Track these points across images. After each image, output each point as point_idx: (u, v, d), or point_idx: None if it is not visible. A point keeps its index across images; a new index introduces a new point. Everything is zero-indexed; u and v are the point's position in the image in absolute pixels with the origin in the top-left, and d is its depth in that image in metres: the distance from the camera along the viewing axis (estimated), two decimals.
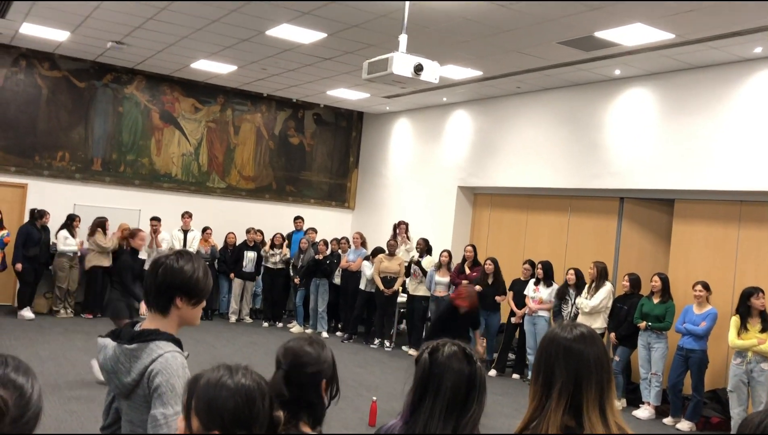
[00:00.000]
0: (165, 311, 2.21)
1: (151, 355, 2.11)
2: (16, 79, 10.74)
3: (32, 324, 9.60)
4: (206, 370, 1.66)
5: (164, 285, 2.19)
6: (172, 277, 2.19)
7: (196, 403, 1.60)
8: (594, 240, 9.40)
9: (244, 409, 1.58)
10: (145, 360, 2.11)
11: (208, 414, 1.58)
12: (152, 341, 2.14)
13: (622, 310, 7.99)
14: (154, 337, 2.15)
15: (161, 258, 2.24)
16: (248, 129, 12.74)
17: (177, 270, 2.19)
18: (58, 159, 11.07)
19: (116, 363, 2.14)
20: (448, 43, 7.90)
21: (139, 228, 8.56)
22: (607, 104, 9.04)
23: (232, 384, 1.60)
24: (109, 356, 2.16)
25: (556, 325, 1.95)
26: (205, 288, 2.25)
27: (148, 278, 2.22)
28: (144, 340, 2.14)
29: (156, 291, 2.20)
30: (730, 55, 7.41)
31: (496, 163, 10.67)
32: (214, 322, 11.21)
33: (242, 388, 1.59)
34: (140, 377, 2.10)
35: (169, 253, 2.29)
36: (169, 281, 2.18)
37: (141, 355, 2.12)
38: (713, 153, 7.75)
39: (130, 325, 2.26)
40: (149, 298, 2.22)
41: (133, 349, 2.12)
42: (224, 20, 7.93)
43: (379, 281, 10.16)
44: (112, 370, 2.15)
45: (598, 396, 1.79)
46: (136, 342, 2.13)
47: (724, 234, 7.94)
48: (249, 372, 1.64)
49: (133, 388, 2.12)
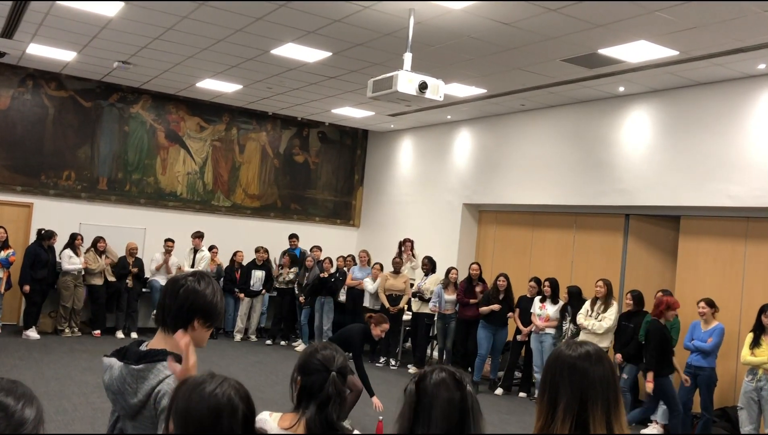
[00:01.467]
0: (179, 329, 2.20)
1: (158, 376, 2.09)
2: (23, 99, 10.82)
3: (37, 344, 9.58)
4: (196, 378, 1.65)
5: (185, 306, 2.18)
6: (194, 298, 2.19)
7: (174, 410, 1.60)
8: (600, 257, 9.35)
9: (208, 423, 1.56)
10: (152, 381, 2.09)
11: (180, 418, 1.58)
12: (159, 362, 2.12)
13: (628, 328, 7.92)
14: (160, 357, 2.13)
15: (181, 279, 2.23)
16: (253, 147, 12.78)
17: (199, 292, 2.20)
18: (64, 178, 11.11)
19: (123, 384, 2.12)
20: (453, 61, 7.93)
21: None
22: (611, 121, 9.04)
23: (206, 392, 1.59)
24: (116, 377, 2.14)
25: (563, 344, 1.94)
26: (221, 311, 2.29)
27: (167, 298, 2.20)
28: (150, 360, 2.12)
29: (176, 311, 2.18)
30: (733, 72, 7.42)
31: (501, 181, 10.67)
32: (218, 340, 11.16)
33: (212, 398, 1.59)
34: (147, 398, 2.08)
35: (187, 273, 2.29)
36: (191, 303, 2.18)
37: (148, 376, 2.10)
38: (719, 169, 7.73)
39: (136, 344, 2.24)
40: (165, 317, 2.20)
41: (140, 370, 2.10)
42: (229, 39, 7.98)
43: (384, 299, 10.12)
44: (119, 390, 2.13)
45: (605, 414, 1.77)
46: (142, 362, 2.12)
47: (731, 250, 7.90)
48: (230, 385, 1.63)
49: (139, 409, 2.10)
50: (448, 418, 1.70)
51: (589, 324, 8.17)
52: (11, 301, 10.43)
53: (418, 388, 1.74)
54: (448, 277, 9.86)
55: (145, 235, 11.55)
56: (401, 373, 9.87)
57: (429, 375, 1.76)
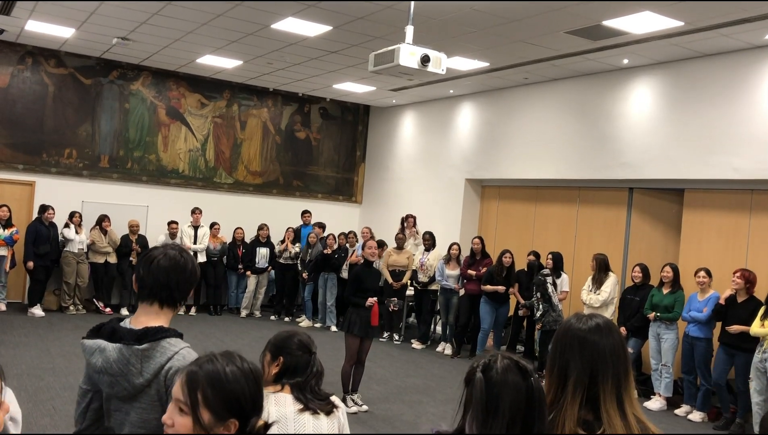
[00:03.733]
0: (173, 306, 2.20)
1: (165, 354, 2.08)
2: (22, 77, 10.75)
3: (42, 321, 9.63)
4: (199, 363, 1.64)
5: (185, 281, 2.19)
6: (191, 273, 2.21)
7: (205, 395, 1.58)
8: (603, 231, 9.34)
9: (255, 391, 1.61)
10: (160, 359, 2.07)
11: (223, 403, 1.57)
12: (162, 339, 2.10)
13: (633, 302, 7.94)
14: (163, 334, 2.11)
15: (179, 253, 2.21)
16: (254, 124, 12.72)
17: (190, 265, 2.22)
18: (65, 156, 11.08)
19: (125, 365, 2.07)
20: (455, 34, 7.84)
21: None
22: (615, 94, 8.97)
23: (238, 370, 1.61)
24: (114, 359, 2.09)
25: (572, 316, 1.91)
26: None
27: (159, 273, 2.16)
28: (153, 338, 2.09)
29: (175, 286, 2.17)
30: (739, 43, 7.33)
31: (504, 155, 10.62)
32: (222, 317, 11.22)
33: (248, 372, 1.63)
34: (154, 377, 2.06)
35: (165, 247, 2.25)
36: (189, 277, 2.20)
37: (154, 354, 2.07)
38: (723, 142, 7.68)
39: (116, 321, 2.20)
40: (159, 292, 2.16)
41: (145, 349, 2.07)
42: (229, 14, 7.90)
43: (387, 274, 10.13)
44: (120, 372, 2.08)
45: (615, 388, 1.75)
46: (146, 341, 2.08)
47: (735, 223, 7.88)
48: (243, 357, 1.67)
49: (142, 389, 2.07)
50: (516, 406, 1.64)
51: (587, 299, 8.20)
52: (16, 279, 10.47)
53: (486, 376, 1.67)
54: (450, 253, 9.86)
55: (147, 212, 11.55)
56: (405, 347, 9.92)
57: (494, 363, 1.68)
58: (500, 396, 1.64)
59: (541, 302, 8.41)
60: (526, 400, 1.65)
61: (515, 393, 1.64)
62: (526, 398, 1.65)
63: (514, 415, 1.63)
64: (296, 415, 2.49)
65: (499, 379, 1.65)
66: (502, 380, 1.65)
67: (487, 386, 1.65)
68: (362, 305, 6.46)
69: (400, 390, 7.57)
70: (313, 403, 2.53)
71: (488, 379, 1.66)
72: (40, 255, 9.98)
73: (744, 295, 7.00)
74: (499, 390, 1.64)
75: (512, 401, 1.63)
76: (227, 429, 1.56)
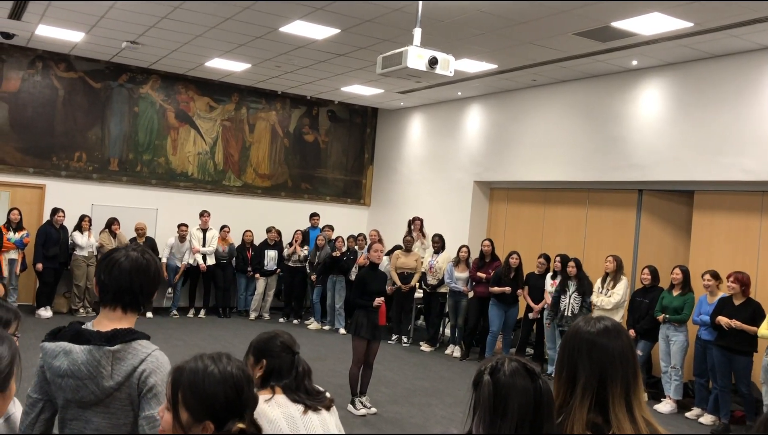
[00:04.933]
0: (136, 310, 2.15)
1: (137, 356, 2.03)
2: (32, 81, 10.82)
3: (50, 322, 9.67)
4: (187, 361, 1.65)
5: (149, 284, 2.14)
6: (156, 274, 2.16)
7: (183, 395, 1.58)
8: (612, 233, 9.30)
9: (233, 397, 1.58)
10: (132, 361, 2.02)
11: (199, 404, 1.56)
12: (133, 341, 2.06)
13: (642, 304, 7.90)
14: (132, 336, 2.07)
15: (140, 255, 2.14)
16: (263, 127, 12.75)
17: (153, 267, 2.16)
18: (75, 159, 11.14)
19: (95, 367, 2.00)
20: (463, 36, 7.84)
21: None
22: (624, 95, 8.94)
23: (218, 372, 1.60)
24: (83, 361, 2.01)
25: (581, 319, 1.90)
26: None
27: (133, 275, 2.11)
28: (124, 340, 2.04)
29: (148, 287, 2.14)
30: (749, 44, 7.29)
31: (513, 157, 10.59)
32: (231, 319, 11.24)
33: (229, 376, 1.60)
34: (125, 380, 2.01)
35: (127, 248, 2.18)
36: (152, 279, 2.15)
37: (125, 356, 2.02)
38: (733, 143, 7.63)
39: (77, 324, 2.15)
40: (135, 296, 2.12)
41: (117, 351, 2.02)
42: (237, 18, 7.92)
43: (396, 277, 10.13)
44: (89, 375, 2.01)
45: (624, 391, 1.74)
46: (116, 343, 2.02)
47: (745, 225, 7.82)
48: (232, 360, 1.65)
49: (111, 392, 2.01)
50: (525, 408, 1.64)
51: (599, 301, 8.16)
52: (26, 282, 10.53)
53: (494, 378, 1.67)
54: (459, 255, 9.85)
55: (156, 215, 11.59)
56: (413, 350, 9.91)
57: (501, 365, 1.69)
58: (508, 398, 1.64)
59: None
60: (534, 402, 1.64)
61: (523, 395, 1.64)
62: (534, 400, 1.64)
63: (522, 417, 1.62)
64: (302, 416, 2.47)
65: (506, 381, 1.65)
66: (510, 383, 1.65)
67: (495, 388, 1.65)
68: (368, 307, 6.47)
69: (408, 392, 7.56)
70: (311, 401, 2.52)
71: (496, 382, 1.66)
72: (49, 257, 10.04)
73: (741, 298, 6.96)
74: (507, 392, 1.64)
75: (520, 404, 1.63)
76: (204, 430, 1.56)
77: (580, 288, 8.39)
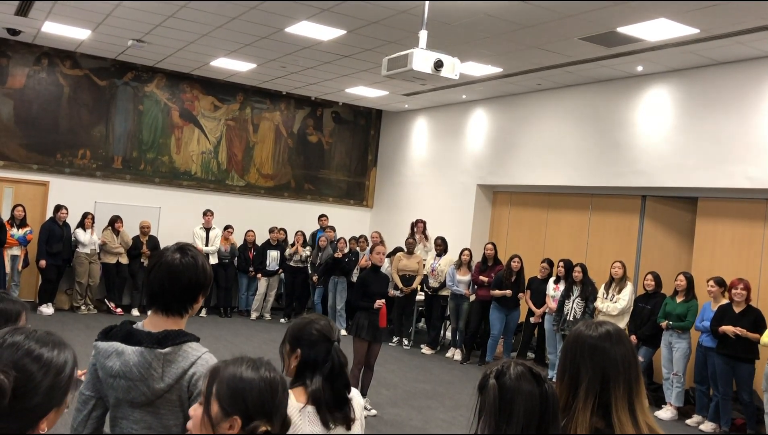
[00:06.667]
0: (186, 312, 2.12)
1: (188, 359, 2.03)
2: (38, 78, 10.84)
3: (53, 320, 9.69)
4: (229, 360, 1.66)
5: (192, 287, 2.10)
6: (197, 277, 2.10)
7: (218, 388, 1.60)
8: (615, 239, 9.28)
9: (267, 397, 1.59)
10: (183, 364, 2.02)
11: (231, 399, 1.58)
12: (184, 343, 2.05)
13: (644, 310, 7.88)
14: (184, 338, 2.06)
15: (177, 259, 2.09)
16: (267, 127, 12.76)
17: (200, 268, 2.11)
18: (79, 157, 11.16)
19: (147, 369, 2.01)
20: (469, 39, 7.83)
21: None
22: (629, 101, 8.92)
23: (257, 374, 1.61)
24: (135, 362, 2.02)
25: (582, 323, 1.90)
26: (211, 275, 2.20)
27: (166, 282, 2.08)
28: (175, 342, 2.04)
29: (182, 295, 2.09)
30: (755, 51, 7.28)
31: (516, 161, 10.58)
32: (232, 319, 11.25)
33: (266, 378, 1.61)
34: (175, 382, 2.01)
35: (168, 250, 2.14)
36: (195, 282, 2.10)
37: (176, 359, 2.02)
38: (737, 150, 7.62)
39: (129, 324, 2.14)
40: (169, 302, 2.09)
41: (168, 353, 2.02)
42: (244, 17, 7.93)
43: (398, 279, 10.12)
44: (140, 377, 2.02)
45: (627, 395, 1.74)
46: (168, 346, 2.02)
47: (749, 233, 7.81)
48: (272, 367, 1.67)
49: (162, 394, 2.02)
50: (530, 413, 1.64)
51: (603, 306, 8.14)
52: (28, 279, 10.54)
53: (499, 382, 1.67)
54: (461, 258, 9.84)
55: (159, 213, 11.60)
56: (414, 352, 9.90)
57: (507, 370, 1.69)
58: (513, 402, 1.64)
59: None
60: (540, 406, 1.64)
61: (529, 399, 1.64)
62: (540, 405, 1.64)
63: (527, 421, 1.62)
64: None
65: (512, 385, 1.65)
66: (516, 386, 1.65)
67: (501, 392, 1.65)
68: (369, 308, 6.46)
69: (408, 395, 7.55)
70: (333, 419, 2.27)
71: (501, 385, 1.66)
72: (52, 254, 10.06)
73: (743, 305, 6.94)
74: (513, 396, 1.64)
75: (526, 408, 1.63)
76: (231, 425, 1.56)
77: (584, 293, 8.37)
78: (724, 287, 7.24)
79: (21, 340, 1.39)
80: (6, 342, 1.38)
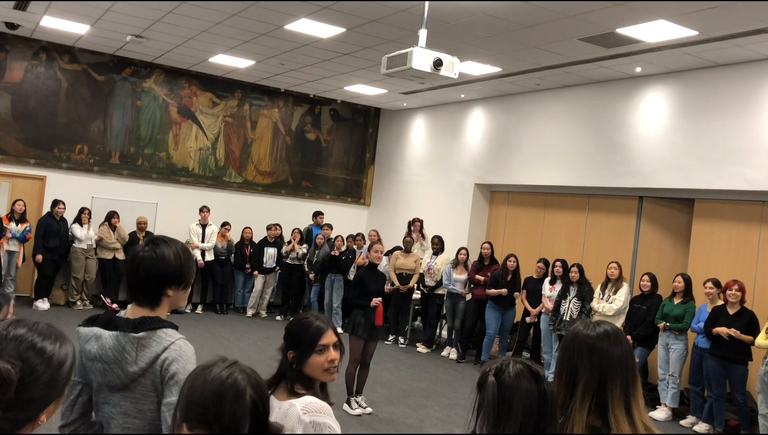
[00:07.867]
0: (156, 304, 2.16)
1: (161, 343, 2.07)
2: (36, 72, 10.82)
3: (48, 315, 9.67)
4: (203, 364, 1.62)
5: (152, 280, 2.13)
6: (156, 269, 2.12)
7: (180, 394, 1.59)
8: (612, 239, 9.30)
9: (209, 403, 1.50)
10: (156, 348, 2.07)
11: (183, 399, 1.55)
12: (159, 329, 2.10)
13: (640, 311, 7.90)
14: (159, 324, 2.11)
15: (138, 252, 2.15)
16: (265, 124, 12.75)
17: (159, 260, 2.13)
18: (76, 152, 11.14)
19: (121, 352, 2.07)
20: (468, 38, 7.84)
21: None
22: (627, 102, 8.94)
23: (211, 375, 1.54)
24: (110, 346, 2.09)
25: (580, 323, 1.91)
26: (191, 270, 2.20)
27: (130, 275, 2.16)
28: (150, 327, 2.09)
29: (144, 287, 2.14)
30: (753, 53, 7.30)
31: (514, 161, 10.60)
32: (228, 316, 11.24)
33: (216, 380, 1.52)
34: (149, 366, 2.06)
35: (142, 244, 2.20)
36: (155, 274, 2.12)
37: (150, 343, 2.07)
38: (735, 152, 7.64)
39: (112, 313, 2.20)
40: (136, 294, 2.16)
41: (141, 338, 2.07)
42: (243, 14, 7.92)
43: (394, 278, 10.13)
44: (114, 360, 2.08)
45: (624, 395, 1.76)
46: (142, 330, 2.08)
47: (745, 234, 7.83)
48: (240, 370, 1.56)
49: (136, 378, 2.07)
50: (529, 411, 1.64)
51: (599, 307, 8.16)
52: (25, 274, 10.53)
53: (498, 380, 1.67)
54: (458, 257, 9.85)
55: (156, 209, 11.59)
56: (410, 351, 9.91)
57: (506, 367, 1.69)
58: (512, 400, 1.65)
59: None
60: (538, 404, 1.65)
61: (527, 397, 1.65)
62: (538, 403, 1.65)
63: (526, 419, 1.63)
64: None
65: (511, 383, 1.66)
66: (515, 384, 1.66)
67: (500, 390, 1.66)
68: (366, 306, 6.47)
69: (404, 393, 7.56)
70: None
71: (500, 383, 1.67)
72: (49, 249, 10.04)
73: (737, 307, 6.96)
74: (511, 394, 1.65)
75: (524, 406, 1.64)
76: (181, 431, 1.53)
77: (580, 293, 8.39)
78: (721, 289, 7.26)
79: (24, 333, 1.39)
80: (9, 334, 1.38)
